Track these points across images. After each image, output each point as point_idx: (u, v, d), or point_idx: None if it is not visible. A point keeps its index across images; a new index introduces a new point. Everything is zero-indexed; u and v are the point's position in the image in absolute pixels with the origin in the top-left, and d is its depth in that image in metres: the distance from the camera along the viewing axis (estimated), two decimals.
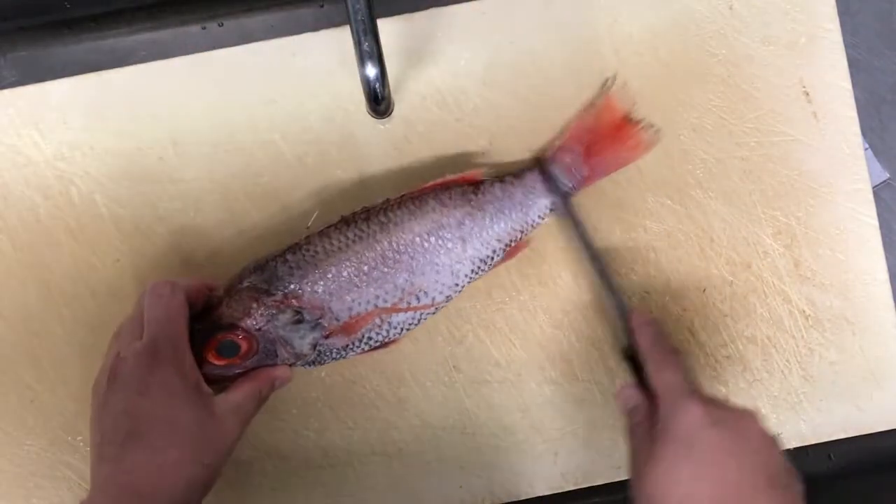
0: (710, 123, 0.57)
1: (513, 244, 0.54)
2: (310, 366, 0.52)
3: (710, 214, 0.57)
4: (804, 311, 0.58)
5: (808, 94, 0.58)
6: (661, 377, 0.47)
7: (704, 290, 0.57)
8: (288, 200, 0.56)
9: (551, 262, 0.57)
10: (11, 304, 0.55)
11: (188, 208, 0.56)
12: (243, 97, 0.56)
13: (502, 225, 0.53)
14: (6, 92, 0.56)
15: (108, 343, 0.48)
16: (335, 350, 0.51)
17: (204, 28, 0.57)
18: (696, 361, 0.57)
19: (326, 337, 0.50)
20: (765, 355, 0.57)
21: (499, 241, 0.53)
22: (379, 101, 0.47)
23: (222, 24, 0.57)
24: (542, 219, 0.54)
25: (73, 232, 0.55)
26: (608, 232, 0.57)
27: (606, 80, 0.56)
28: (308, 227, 0.55)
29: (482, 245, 0.52)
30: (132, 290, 0.55)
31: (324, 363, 0.52)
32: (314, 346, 0.50)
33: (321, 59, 0.56)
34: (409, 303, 0.51)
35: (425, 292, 0.51)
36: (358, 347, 0.52)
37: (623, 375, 0.54)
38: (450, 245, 0.51)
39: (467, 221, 0.52)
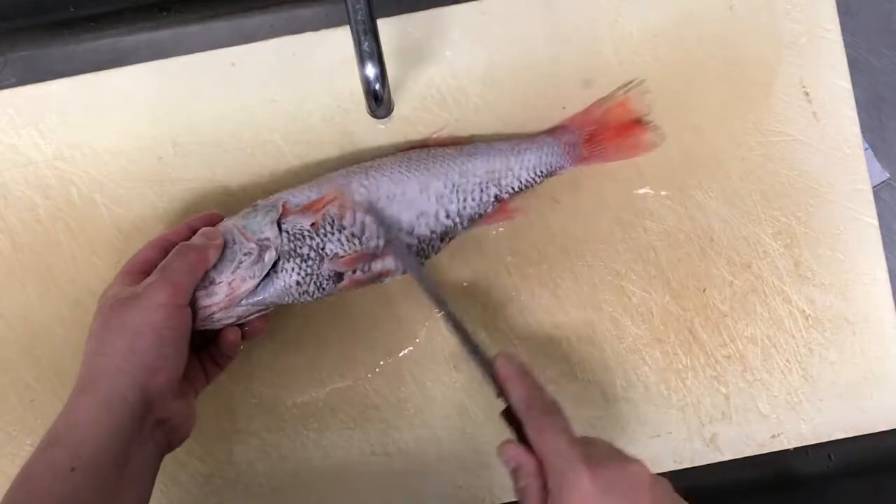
0: (710, 123, 0.57)
1: (496, 192, 0.53)
2: (301, 285, 0.49)
3: (710, 214, 0.57)
4: (804, 311, 0.58)
5: (808, 94, 0.58)
6: (544, 442, 0.43)
7: (704, 290, 0.57)
8: None
9: (551, 263, 0.57)
10: (11, 304, 0.55)
11: (188, 208, 0.56)
12: (243, 97, 0.56)
13: (480, 163, 0.53)
14: (6, 92, 0.56)
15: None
16: (303, 231, 0.49)
17: (204, 28, 0.57)
18: (696, 361, 0.57)
19: (287, 216, 0.49)
20: (765, 355, 0.57)
21: (477, 177, 0.52)
22: (379, 101, 0.47)
23: (222, 24, 0.57)
24: (530, 178, 0.54)
25: (73, 232, 0.55)
26: (608, 232, 0.57)
27: (630, 82, 0.56)
28: None
29: (459, 175, 0.52)
30: None
31: (313, 279, 0.49)
32: (276, 226, 0.49)
33: (321, 59, 0.56)
34: (376, 204, 0.50)
35: (394, 200, 0.51)
36: (333, 243, 0.49)
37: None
38: (423, 164, 0.52)
39: (441, 154, 0.53)
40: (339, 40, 0.56)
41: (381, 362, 0.56)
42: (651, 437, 0.57)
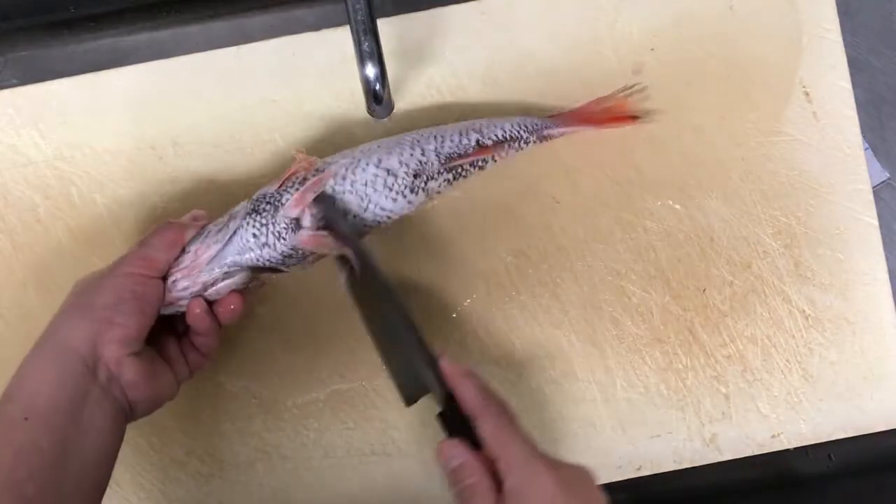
0: (710, 123, 0.57)
1: (477, 137, 0.52)
2: (269, 242, 0.48)
3: (710, 214, 0.57)
4: (804, 311, 0.58)
5: (808, 94, 0.58)
6: (503, 441, 0.42)
7: (704, 290, 0.57)
8: None
9: (551, 262, 0.57)
10: (11, 304, 0.55)
11: (188, 208, 0.55)
12: (243, 97, 0.56)
13: (461, 123, 0.53)
14: (6, 92, 0.56)
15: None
16: (270, 203, 0.48)
17: (204, 28, 0.57)
18: (696, 361, 0.57)
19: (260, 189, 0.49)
20: (765, 355, 0.57)
21: (456, 127, 0.52)
22: (379, 101, 0.47)
23: (222, 24, 0.57)
24: (510, 126, 0.53)
25: (73, 232, 0.55)
26: (608, 232, 0.57)
27: (634, 85, 0.56)
28: None
29: (437, 128, 0.52)
30: None
31: (277, 234, 0.48)
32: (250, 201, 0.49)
33: (321, 59, 0.56)
34: (348, 167, 0.49)
35: (362, 151, 0.50)
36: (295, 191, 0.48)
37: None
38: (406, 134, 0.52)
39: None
40: (339, 40, 0.56)
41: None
42: (651, 437, 0.57)
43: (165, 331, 0.49)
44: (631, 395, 0.57)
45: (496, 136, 0.52)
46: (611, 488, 0.56)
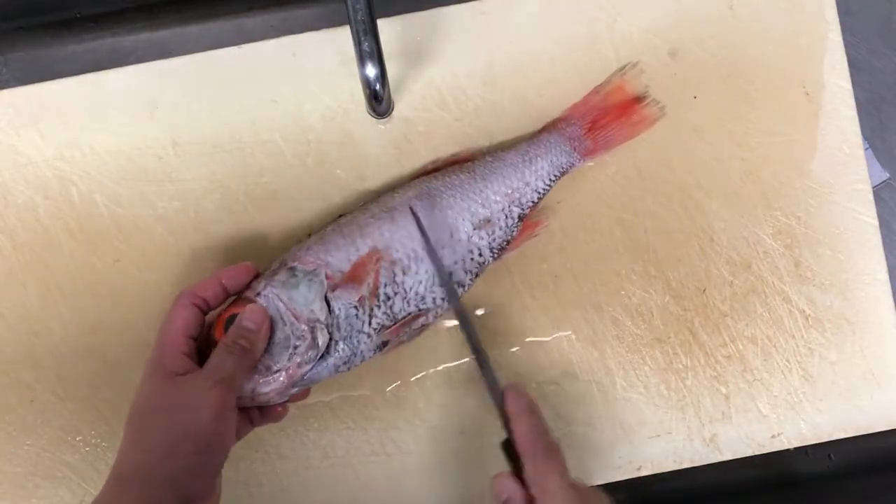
0: (710, 123, 0.57)
1: (519, 212, 0.53)
2: (342, 363, 0.50)
3: (710, 214, 0.57)
4: (804, 311, 0.58)
5: (808, 94, 0.58)
6: (543, 482, 0.44)
7: (704, 290, 0.57)
8: (288, 200, 0.56)
9: (551, 262, 0.57)
10: (11, 304, 0.55)
11: (188, 208, 0.56)
12: (243, 97, 0.56)
13: (497, 186, 0.52)
14: (6, 92, 0.56)
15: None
16: (352, 314, 0.49)
17: (204, 28, 0.57)
18: (696, 361, 0.57)
19: (333, 290, 0.49)
20: (765, 355, 0.57)
21: (499, 202, 0.52)
22: (379, 101, 0.47)
23: (222, 24, 0.57)
24: (545, 185, 0.54)
25: (73, 232, 0.55)
26: (608, 232, 0.57)
27: (625, 66, 0.56)
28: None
29: (483, 207, 0.52)
30: (132, 290, 0.55)
31: (360, 352, 0.49)
32: (327, 304, 0.48)
33: (321, 59, 0.56)
34: (408, 269, 0.50)
35: (424, 260, 0.50)
36: (379, 317, 0.50)
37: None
38: (444, 202, 0.51)
39: (457, 182, 0.52)
40: (339, 40, 0.56)
41: (381, 362, 0.56)
42: (651, 437, 0.57)
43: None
44: (631, 395, 0.57)
45: (533, 201, 0.54)
46: (611, 488, 0.57)
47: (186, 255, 0.55)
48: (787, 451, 0.58)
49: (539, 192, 0.54)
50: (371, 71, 0.45)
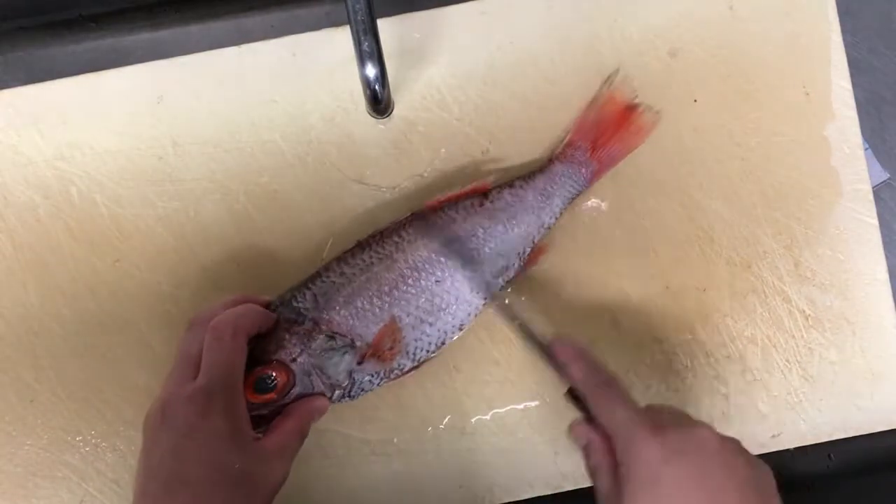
0: (710, 123, 0.57)
1: (530, 249, 0.54)
2: (341, 400, 0.50)
3: (710, 214, 0.57)
4: (804, 311, 0.58)
5: (808, 94, 0.58)
6: (607, 415, 0.44)
7: (704, 290, 0.57)
8: (288, 200, 0.56)
9: (551, 262, 0.57)
10: (11, 304, 0.55)
11: (188, 208, 0.56)
12: (243, 97, 0.56)
13: (517, 231, 0.53)
14: (6, 92, 0.56)
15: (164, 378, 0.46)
16: (366, 379, 0.50)
17: (204, 28, 0.57)
18: (696, 361, 0.57)
19: (360, 363, 0.49)
20: (765, 355, 0.57)
21: (514, 247, 0.53)
22: (379, 101, 0.47)
23: (222, 24, 0.57)
24: (556, 219, 0.54)
25: (73, 232, 0.55)
26: (609, 232, 0.57)
27: (609, 76, 0.56)
28: (323, 259, 0.54)
29: (502, 257, 0.52)
30: (132, 290, 0.55)
31: (354, 397, 0.51)
32: (349, 374, 0.49)
33: (321, 59, 0.56)
34: (432, 323, 0.51)
35: (447, 310, 0.51)
36: (389, 375, 0.51)
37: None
38: (466, 253, 0.51)
39: (480, 232, 0.52)
40: (339, 40, 0.56)
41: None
42: None
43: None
44: (631, 395, 0.57)
45: (543, 235, 0.54)
46: None
47: (186, 255, 0.55)
48: (787, 451, 0.58)
49: (549, 228, 0.54)
50: (371, 71, 0.45)
